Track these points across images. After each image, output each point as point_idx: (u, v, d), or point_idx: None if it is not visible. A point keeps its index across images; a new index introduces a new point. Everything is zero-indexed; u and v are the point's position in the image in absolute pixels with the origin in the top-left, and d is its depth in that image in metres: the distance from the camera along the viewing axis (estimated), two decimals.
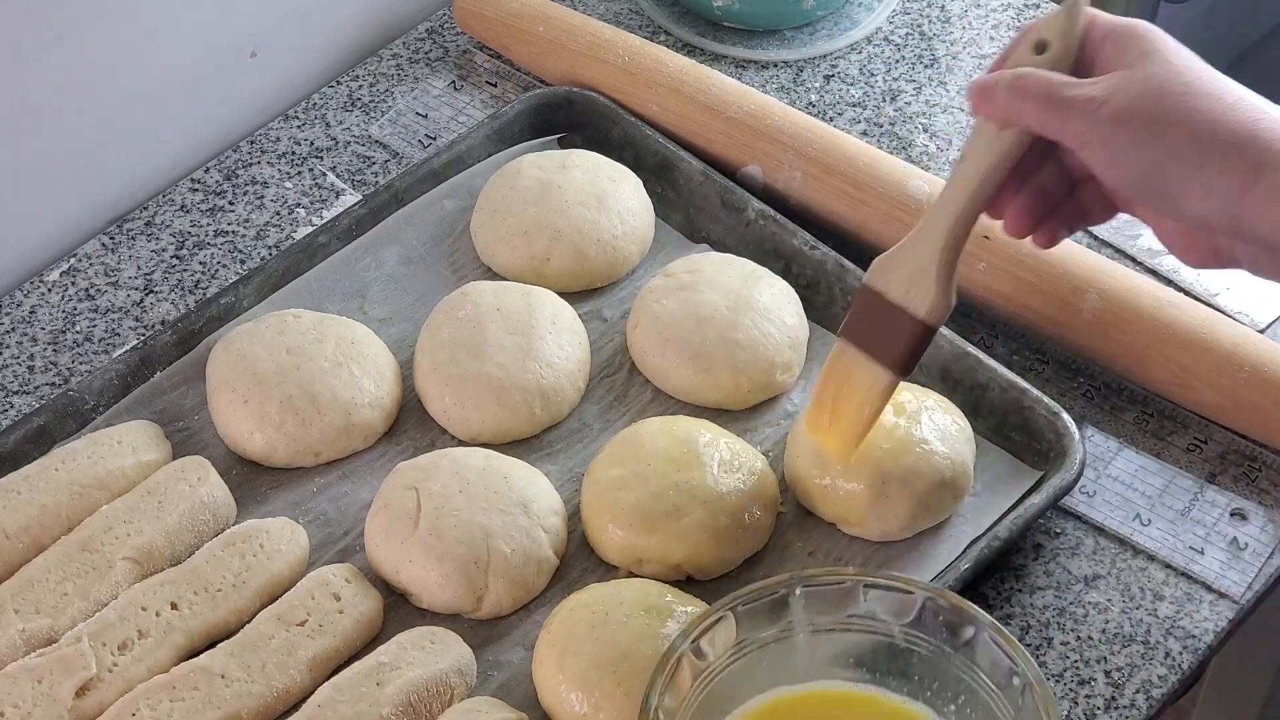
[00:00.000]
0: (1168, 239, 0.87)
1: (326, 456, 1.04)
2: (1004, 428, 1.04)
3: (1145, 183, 0.82)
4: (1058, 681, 0.96)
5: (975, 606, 0.87)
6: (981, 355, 1.05)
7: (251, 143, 1.23)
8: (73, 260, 1.16)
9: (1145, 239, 1.15)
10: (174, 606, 0.95)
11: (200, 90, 1.21)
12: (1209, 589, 1.00)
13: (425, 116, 1.24)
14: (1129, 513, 1.03)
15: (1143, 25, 0.85)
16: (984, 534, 0.99)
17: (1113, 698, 0.96)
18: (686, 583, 0.99)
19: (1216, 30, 1.94)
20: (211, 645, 0.94)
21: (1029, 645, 0.98)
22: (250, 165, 1.22)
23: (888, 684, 0.89)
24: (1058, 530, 1.03)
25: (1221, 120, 0.81)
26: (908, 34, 1.29)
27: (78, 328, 1.13)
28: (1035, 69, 0.85)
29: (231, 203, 1.19)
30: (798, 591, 0.88)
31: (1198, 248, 0.86)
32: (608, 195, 1.13)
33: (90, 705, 0.91)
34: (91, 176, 1.18)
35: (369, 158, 1.22)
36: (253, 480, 1.04)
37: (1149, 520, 1.02)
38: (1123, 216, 1.17)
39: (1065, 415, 1.02)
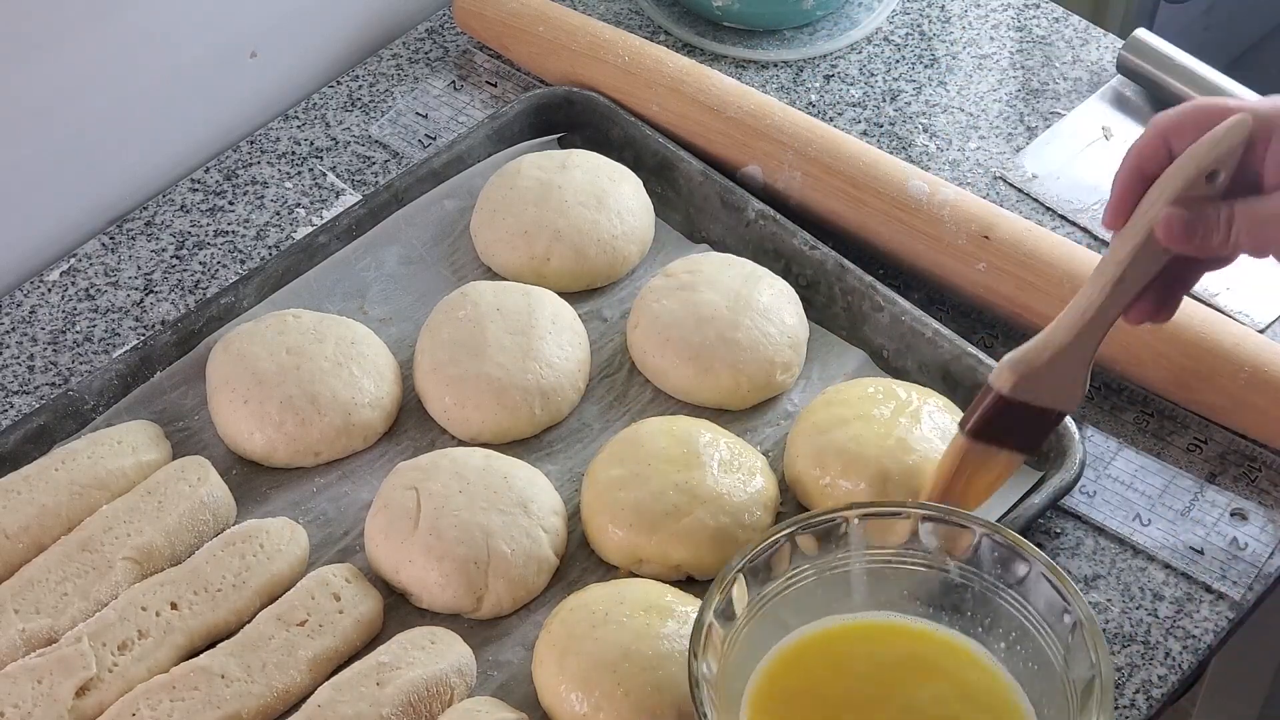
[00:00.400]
0: None
1: (326, 456, 1.04)
2: None
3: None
4: None
5: (1030, 544, 0.88)
6: (982, 355, 1.05)
7: (251, 143, 1.23)
8: (73, 260, 1.16)
9: None
10: (174, 606, 0.95)
11: (200, 90, 1.21)
12: (1209, 589, 1.00)
13: (425, 116, 1.24)
14: (1129, 513, 1.03)
15: None
16: None
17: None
18: (686, 583, 0.99)
19: (1216, 30, 1.94)
20: (211, 645, 0.94)
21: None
22: (250, 165, 1.22)
23: (940, 618, 0.90)
24: (1058, 530, 1.03)
25: None
26: (908, 34, 1.29)
27: (78, 328, 1.13)
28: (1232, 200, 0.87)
29: (231, 203, 1.19)
30: (855, 521, 0.89)
31: None
32: (608, 195, 1.13)
33: (90, 705, 0.91)
34: (91, 176, 1.18)
35: (369, 158, 1.22)
36: (253, 480, 1.04)
37: (1149, 520, 1.03)
38: None
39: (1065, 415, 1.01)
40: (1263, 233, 0.87)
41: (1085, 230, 1.16)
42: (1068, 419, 1.01)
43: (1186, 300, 1.07)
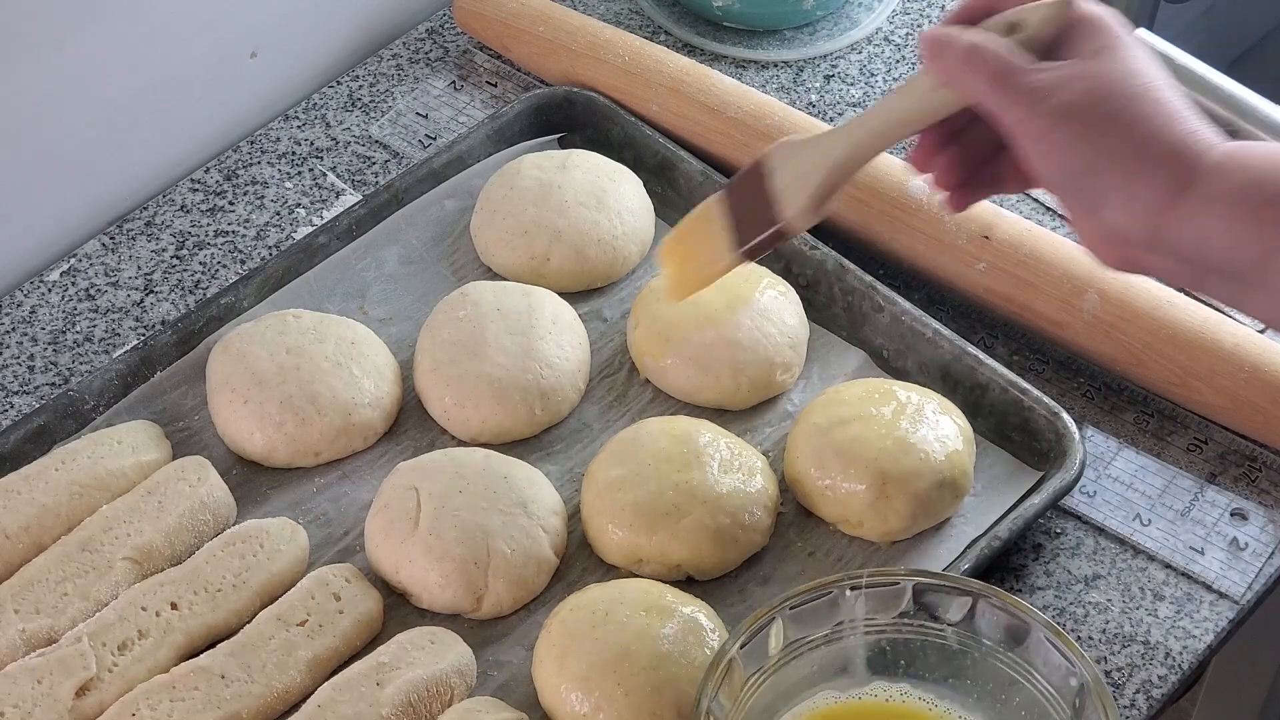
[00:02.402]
0: (1081, 234, 0.84)
1: (326, 456, 1.04)
2: (1004, 428, 1.04)
3: (1072, 182, 0.81)
4: None
5: (1029, 606, 0.86)
6: (981, 355, 1.05)
7: (251, 143, 1.23)
8: (73, 260, 1.16)
9: None
10: (174, 606, 0.95)
11: (200, 90, 1.21)
12: (1209, 589, 1.00)
13: (425, 116, 1.24)
14: (1129, 513, 1.03)
15: (1111, 17, 0.84)
16: (984, 534, 0.99)
17: (1113, 698, 0.96)
18: (686, 583, 0.99)
19: (1216, 30, 1.94)
20: (211, 645, 0.94)
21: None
22: (250, 165, 1.22)
23: (940, 689, 0.88)
24: (1058, 530, 1.03)
25: (1160, 131, 0.80)
26: (908, 34, 1.29)
27: (78, 328, 1.13)
28: (995, 41, 0.83)
29: (231, 203, 1.19)
30: (848, 592, 0.88)
31: (1109, 253, 0.84)
32: (608, 195, 1.13)
33: (90, 705, 0.91)
34: (91, 176, 1.18)
35: (369, 158, 1.22)
36: (253, 480, 1.04)
37: (1149, 520, 1.03)
38: None
39: (1065, 415, 1.02)
40: (1012, 73, 0.81)
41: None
42: (1067, 419, 1.01)
43: (1186, 300, 1.07)
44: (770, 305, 1.07)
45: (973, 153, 0.88)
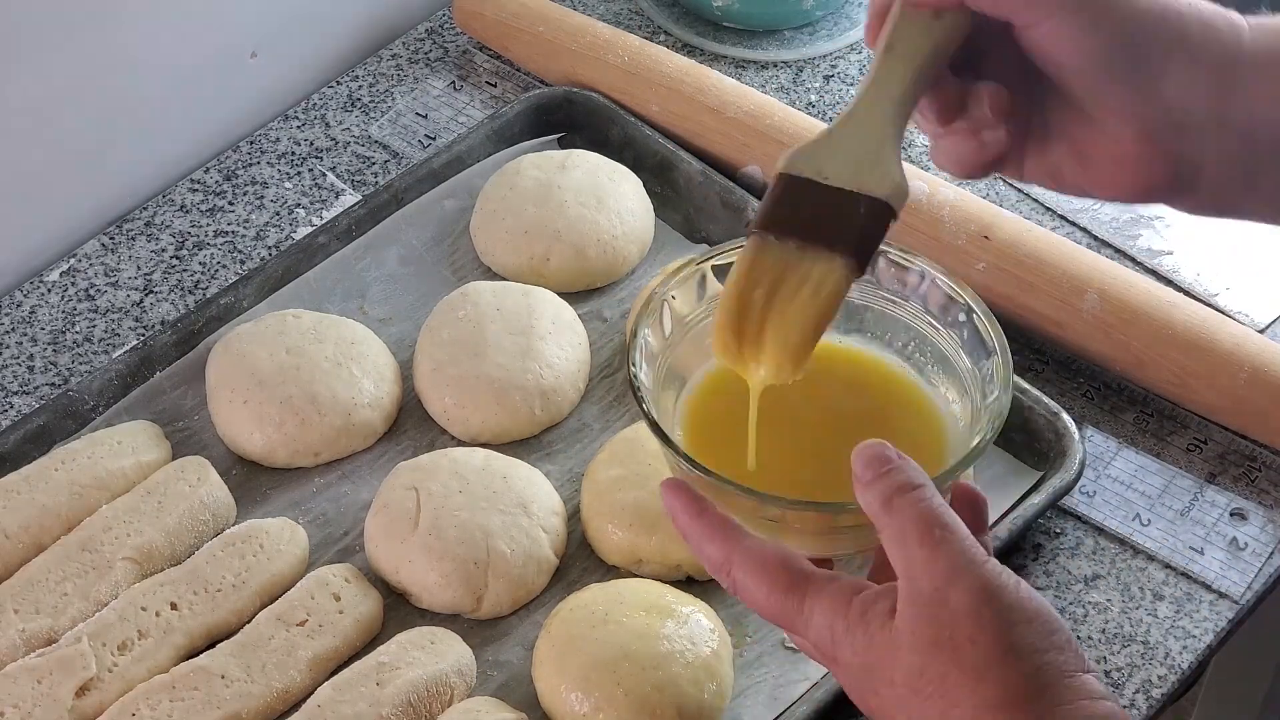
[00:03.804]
0: (1113, 157, 0.75)
1: (326, 456, 1.04)
2: (1004, 428, 1.04)
3: (1121, 54, 0.72)
4: None
5: (918, 254, 0.84)
6: None
7: (251, 143, 1.23)
8: (73, 260, 1.16)
9: (1145, 239, 1.15)
10: (174, 607, 0.95)
11: (200, 90, 1.21)
12: (1209, 589, 1.00)
13: (425, 116, 1.24)
14: (1129, 513, 1.03)
15: None
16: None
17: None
18: (686, 583, 0.99)
19: None
20: (211, 645, 0.94)
21: None
22: (250, 165, 1.22)
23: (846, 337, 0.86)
24: (1058, 530, 1.03)
25: None
26: None
27: (78, 328, 1.13)
28: None
29: (231, 203, 1.19)
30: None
31: (1155, 159, 0.74)
32: (608, 195, 1.13)
33: (90, 705, 0.91)
34: (91, 176, 1.18)
35: (369, 158, 1.22)
36: (253, 480, 1.04)
37: (1149, 520, 1.03)
38: (1124, 218, 1.17)
39: (1065, 415, 1.02)
40: None
41: (1085, 230, 1.16)
42: (1067, 419, 1.01)
43: (1186, 300, 1.07)
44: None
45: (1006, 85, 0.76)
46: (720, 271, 0.83)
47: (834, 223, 0.75)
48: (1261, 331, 1.10)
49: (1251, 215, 0.77)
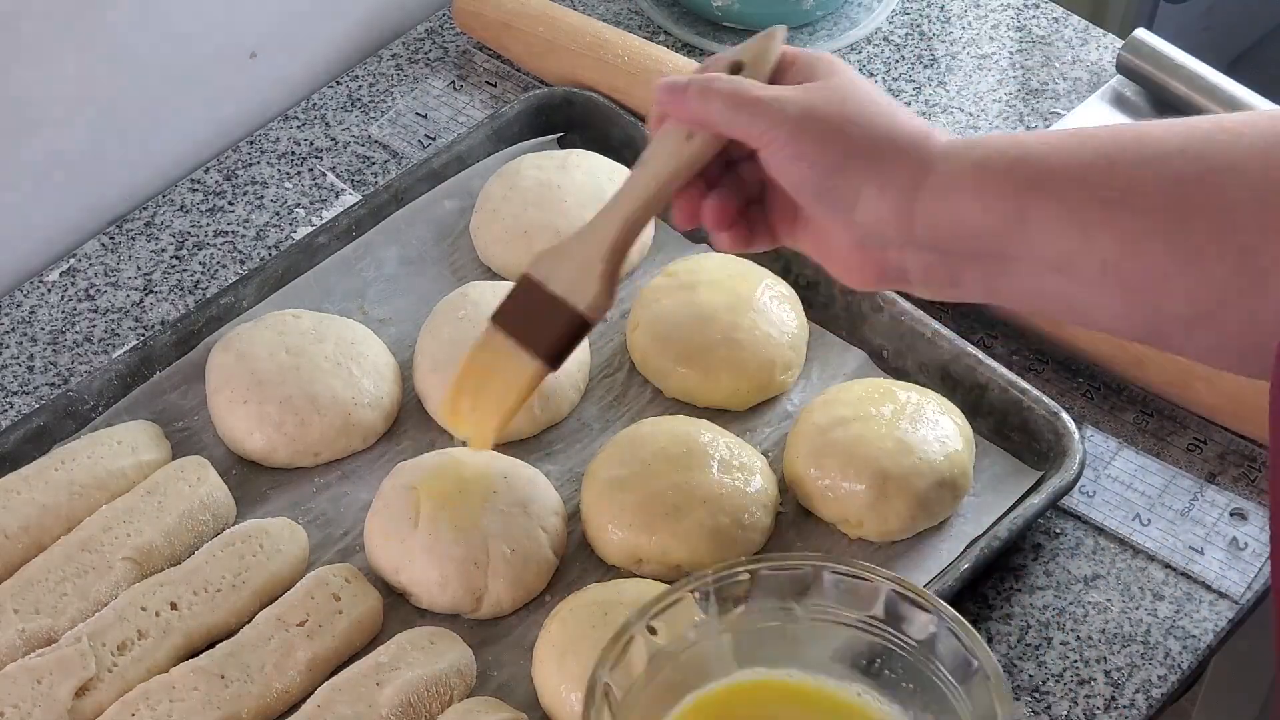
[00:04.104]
0: (839, 257, 0.88)
1: (326, 456, 1.04)
2: (1004, 428, 1.04)
3: (824, 184, 0.84)
4: (1057, 681, 0.96)
5: (935, 597, 0.85)
6: (981, 355, 1.05)
7: (251, 143, 1.23)
8: (73, 260, 1.16)
9: None
10: (173, 607, 0.95)
11: (200, 90, 1.21)
12: (1209, 589, 1.00)
13: (425, 116, 1.24)
14: (1129, 513, 1.03)
15: (828, 55, 0.88)
16: (984, 534, 0.99)
17: (1112, 698, 0.96)
18: None
19: (1216, 30, 1.94)
20: (211, 645, 0.94)
21: (1029, 645, 0.98)
22: (250, 165, 1.22)
23: (851, 678, 0.87)
24: (1058, 530, 1.03)
25: (897, 124, 0.84)
26: (907, 34, 1.29)
27: (77, 328, 1.13)
28: (723, 74, 0.87)
29: (231, 203, 1.19)
30: (764, 573, 0.86)
31: (868, 264, 0.86)
32: (608, 195, 1.12)
33: (90, 705, 0.91)
34: (91, 176, 1.18)
35: (369, 158, 1.22)
36: (253, 480, 1.04)
37: (1149, 520, 1.03)
38: None
39: (1065, 415, 1.02)
40: (744, 95, 0.85)
41: None
42: (1067, 419, 1.01)
43: None
44: (770, 305, 1.07)
45: (739, 191, 0.89)
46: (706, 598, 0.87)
47: (543, 327, 0.90)
48: None
49: (969, 299, 0.86)
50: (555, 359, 0.90)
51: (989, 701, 0.82)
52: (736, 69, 0.88)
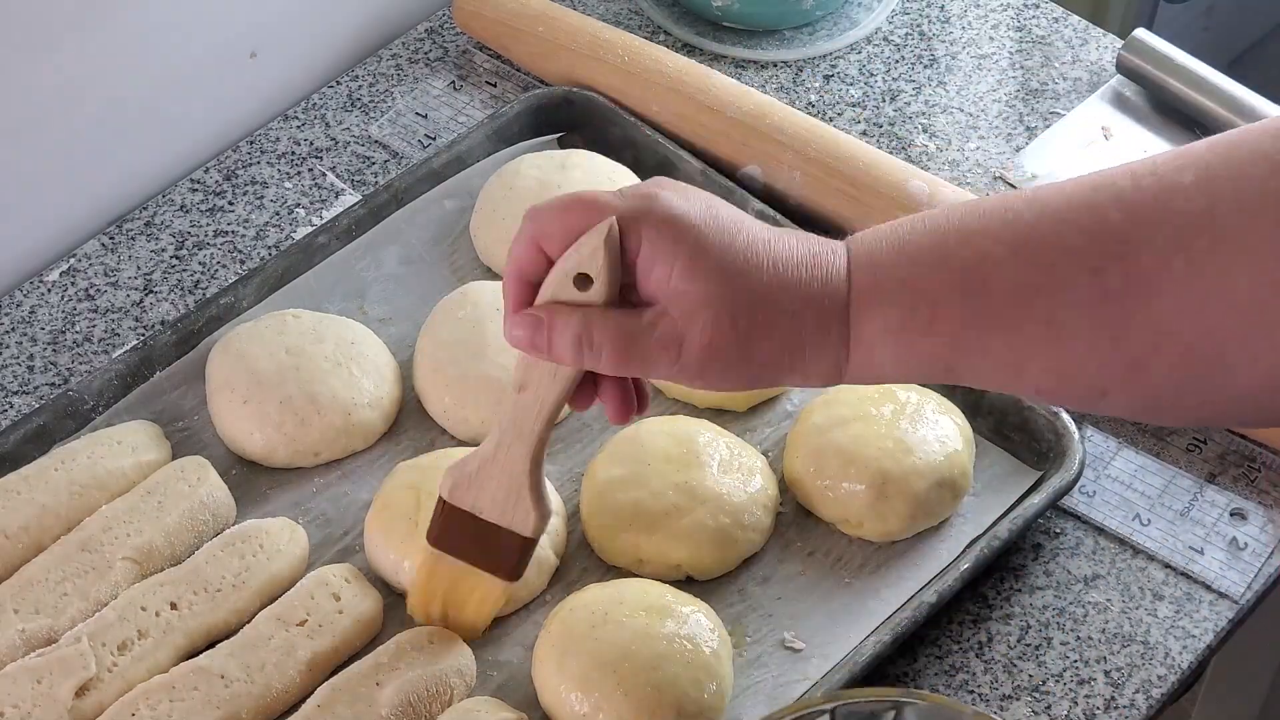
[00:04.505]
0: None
1: (326, 456, 1.04)
2: (1004, 428, 1.04)
3: (757, 383, 0.81)
4: (1057, 681, 0.96)
5: (964, 705, 0.83)
6: None
7: (251, 143, 1.23)
8: (73, 260, 1.16)
9: None
10: (174, 607, 0.95)
11: (200, 90, 1.21)
12: (1209, 589, 1.00)
13: (425, 116, 1.24)
14: (1129, 513, 1.03)
15: (653, 201, 0.79)
16: (984, 534, 0.99)
17: (1112, 698, 0.96)
18: (686, 583, 0.99)
19: (1216, 30, 1.94)
20: (211, 645, 0.94)
21: (1029, 645, 0.98)
22: (250, 165, 1.22)
23: None
24: (1057, 530, 1.03)
25: (783, 291, 0.79)
26: (907, 34, 1.29)
27: (77, 328, 1.13)
28: (593, 312, 0.80)
29: (231, 203, 1.19)
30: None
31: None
32: None
33: (90, 705, 0.91)
34: (91, 176, 1.18)
35: (369, 158, 1.22)
36: (253, 480, 1.04)
37: (1149, 520, 1.03)
38: None
39: (1065, 415, 1.02)
40: (631, 347, 0.79)
41: None
42: (1067, 419, 1.01)
43: None
44: None
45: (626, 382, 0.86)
46: None
47: (491, 551, 0.91)
48: None
49: None
50: (519, 575, 0.93)
51: None
52: (585, 283, 0.80)
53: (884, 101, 1.25)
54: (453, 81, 1.27)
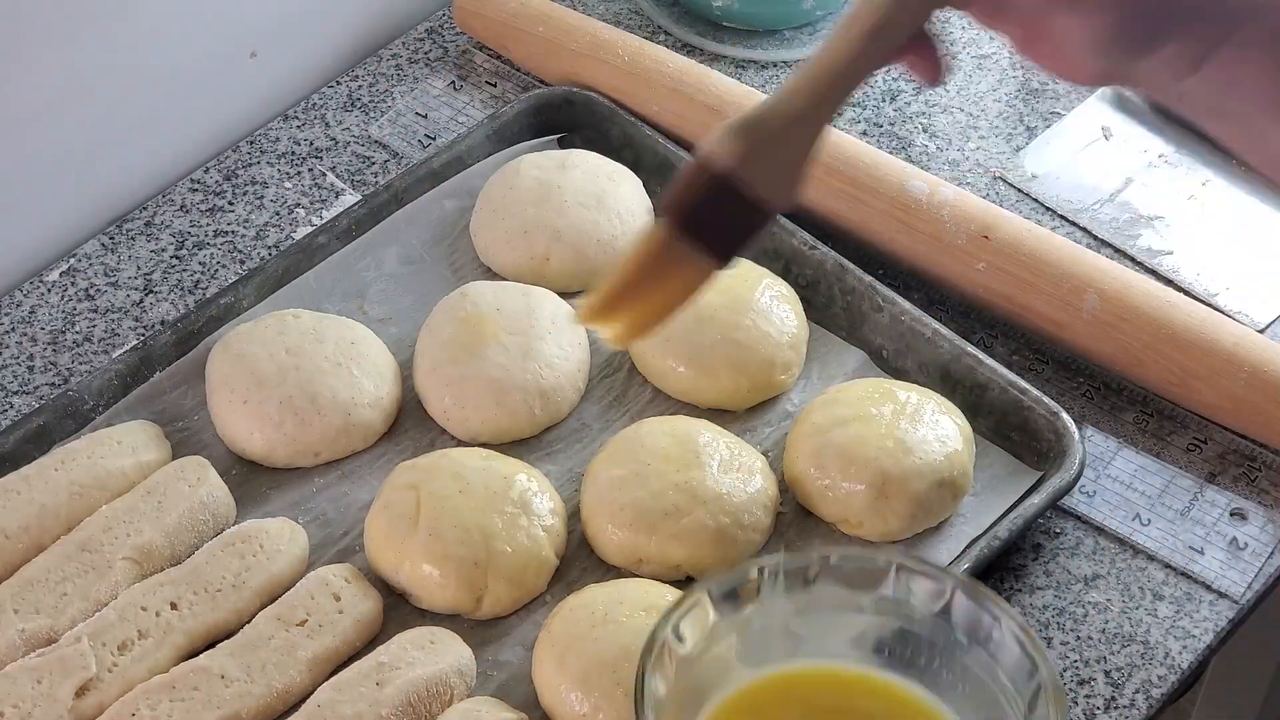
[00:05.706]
0: (1062, 55, 0.76)
1: (326, 456, 1.04)
2: (1004, 428, 1.04)
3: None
4: None
5: (1003, 601, 0.83)
6: (981, 355, 1.05)
7: (251, 143, 1.23)
8: (73, 260, 1.16)
9: (1145, 239, 1.15)
10: (174, 606, 0.95)
11: (200, 90, 1.21)
12: (1209, 589, 1.00)
13: (425, 116, 1.24)
14: (1129, 513, 1.03)
15: None
16: (984, 534, 0.99)
17: (1112, 698, 0.96)
18: (686, 583, 0.99)
19: None
20: (211, 645, 0.94)
21: None
22: (250, 165, 1.22)
23: (894, 668, 0.86)
24: (1057, 530, 1.03)
25: None
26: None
27: (77, 328, 1.13)
28: None
29: (231, 203, 1.20)
30: (833, 560, 0.83)
31: (1101, 75, 0.76)
32: (607, 195, 1.13)
33: (90, 705, 0.91)
34: (91, 176, 1.18)
35: (369, 158, 1.22)
36: (253, 480, 1.04)
37: (1149, 520, 1.03)
38: (1123, 218, 1.17)
39: (1065, 415, 1.02)
40: None
41: (1085, 230, 1.16)
42: (1067, 419, 1.01)
43: (1186, 300, 1.08)
44: (770, 305, 1.07)
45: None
46: (722, 599, 0.83)
47: (727, 226, 0.79)
48: (1261, 331, 1.10)
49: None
50: (733, 261, 0.80)
51: (1018, 654, 0.80)
52: None
53: (884, 101, 1.25)
54: (453, 81, 1.27)
